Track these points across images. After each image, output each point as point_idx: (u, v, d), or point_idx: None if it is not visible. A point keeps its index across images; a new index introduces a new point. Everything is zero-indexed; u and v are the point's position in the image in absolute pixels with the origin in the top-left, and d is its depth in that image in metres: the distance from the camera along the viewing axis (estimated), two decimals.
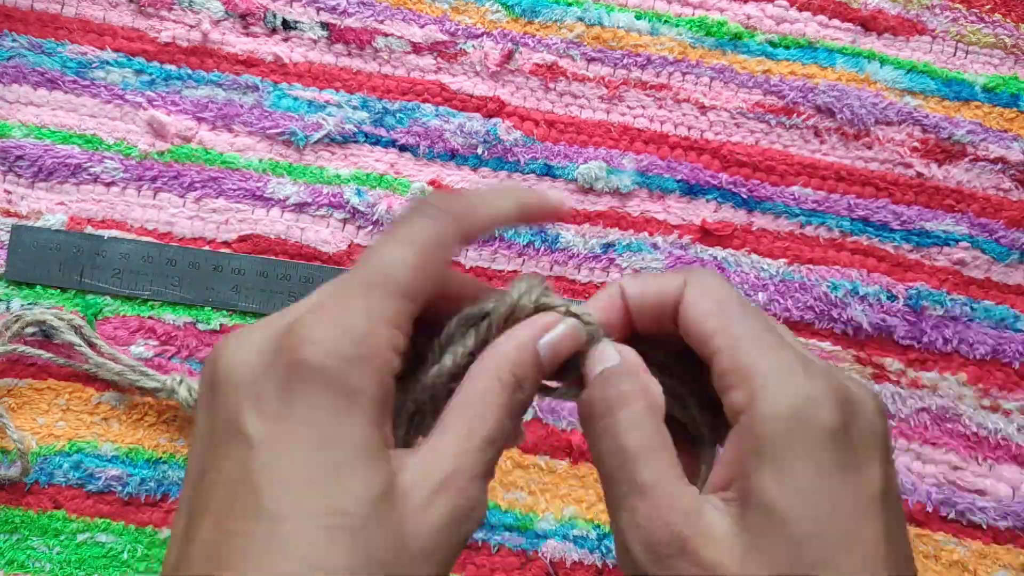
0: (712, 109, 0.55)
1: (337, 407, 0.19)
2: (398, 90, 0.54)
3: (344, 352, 0.19)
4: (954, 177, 0.55)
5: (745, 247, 0.54)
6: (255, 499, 0.18)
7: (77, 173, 0.52)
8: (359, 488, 0.19)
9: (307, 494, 0.18)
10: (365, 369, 0.19)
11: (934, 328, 0.54)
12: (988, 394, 0.54)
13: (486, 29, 0.55)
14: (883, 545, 0.23)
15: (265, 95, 0.53)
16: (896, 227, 0.55)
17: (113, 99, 0.53)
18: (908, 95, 0.56)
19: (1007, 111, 0.56)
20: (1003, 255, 0.55)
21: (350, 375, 0.19)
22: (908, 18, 0.56)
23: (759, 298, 0.54)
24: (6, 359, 0.51)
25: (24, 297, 0.51)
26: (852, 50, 0.56)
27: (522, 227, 0.52)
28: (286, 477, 0.19)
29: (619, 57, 0.55)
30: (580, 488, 0.52)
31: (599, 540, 0.52)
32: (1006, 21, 0.57)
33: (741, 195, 0.54)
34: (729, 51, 0.55)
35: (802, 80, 0.55)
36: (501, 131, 0.54)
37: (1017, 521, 0.53)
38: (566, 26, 0.55)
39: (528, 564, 0.52)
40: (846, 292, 0.54)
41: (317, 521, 0.18)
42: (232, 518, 0.18)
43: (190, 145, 0.53)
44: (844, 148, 0.55)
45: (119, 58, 0.53)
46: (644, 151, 0.55)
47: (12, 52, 0.52)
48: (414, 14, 0.54)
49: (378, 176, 0.53)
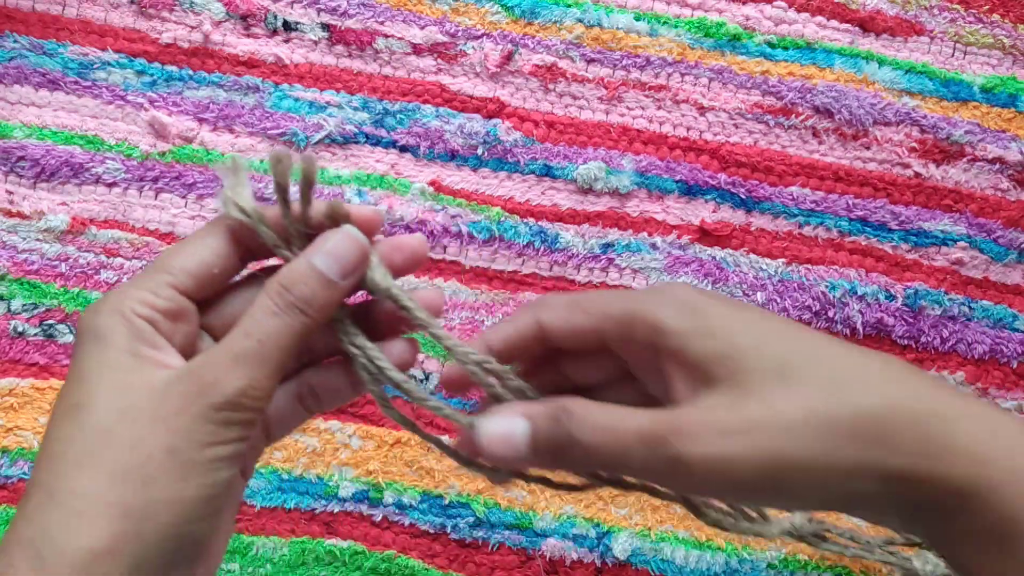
0: (711, 110, 0.55)
1: (95, 341, 0.29)
2: (398, 91, 0.54)
3: (98, 311, 0.30)
4: (952, 177, 0.56)
5: (744, 247, 0.55)
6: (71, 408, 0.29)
7: (79, 174, 0.52)
8: (103, 386, 0.29)
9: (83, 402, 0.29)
10: (109, 317, 0.29)
11: (932, 327, 0.54)
12: (986, 393, 0.54)
13: (486, 30, 0.55)
14: (821, 336, 0.29)
15: (266, 96, 0.53)
16: (894, 227, 0.55)
17: (114, 100, 0.53)
18: (906, 95, 0.56)
19: (1005, 111, 0.56)
20: (1001, 255, 0.55)
21: (99, 324, 0.29)
22: (906, 19, 0.57)
23: (757, 298, 0.54)
24: (7, 359, 0.51)
25: (25, 297, 0.51)
26: (850, 51, 0.56)
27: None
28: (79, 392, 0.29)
29: (618, 58, 0.55)
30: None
31: (598, 539, 0.52)
32: (1004, 22, 0.57)
33: (740, 195, 0.55)
34: (728, 52, 0.56)
35: (800, 81, 0.55)
36: (501, 132, 0.54)
37: None
38: (566, 27, 0.55)
39: (527, 562, 0.52)
40: (844, 292, 0.54)
41: (61, 405, 0.29)
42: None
43: (191, 146, 0.53)
44: (842, 148, 0.55)
45: (120, 59, 0.53)
46: (643, 152, 0.55)
47: (14, 53, 0.53)
48: (414, 15, 0.55)
49: (379, 177, 0.54)
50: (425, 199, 0.54)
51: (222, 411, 0.28)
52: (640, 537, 0.52)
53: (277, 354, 0.29)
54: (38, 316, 0.51)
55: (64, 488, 0.27)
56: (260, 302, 0.30)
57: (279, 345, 0.29)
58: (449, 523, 0.52)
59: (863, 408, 0.27)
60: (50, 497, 0.27)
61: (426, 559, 0.51)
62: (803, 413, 0.27)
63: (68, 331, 0.51)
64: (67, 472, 0.27)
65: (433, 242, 0.54)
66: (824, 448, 0.27)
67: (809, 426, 0.27)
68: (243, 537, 0.51)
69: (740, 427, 0.27)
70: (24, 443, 0.51)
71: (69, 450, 0.28)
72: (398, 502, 0.52)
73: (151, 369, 0.29)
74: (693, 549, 0.52)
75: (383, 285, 0.32)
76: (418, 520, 0.52)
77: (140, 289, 0.30)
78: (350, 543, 0.51)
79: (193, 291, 0.31)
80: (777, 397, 0.27)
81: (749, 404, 0.27)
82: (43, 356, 0.51)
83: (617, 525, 0.52)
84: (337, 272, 0.31)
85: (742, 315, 0.29)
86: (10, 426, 0.50)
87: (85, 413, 0.28)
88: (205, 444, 0.28)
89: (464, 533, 0.52)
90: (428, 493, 0.52)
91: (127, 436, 0.28)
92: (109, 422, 0.28)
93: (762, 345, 0.28)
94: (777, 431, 0.27)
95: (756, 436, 0.27)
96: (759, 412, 0.27)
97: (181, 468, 0.28)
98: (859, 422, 0.27)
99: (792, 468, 0.27)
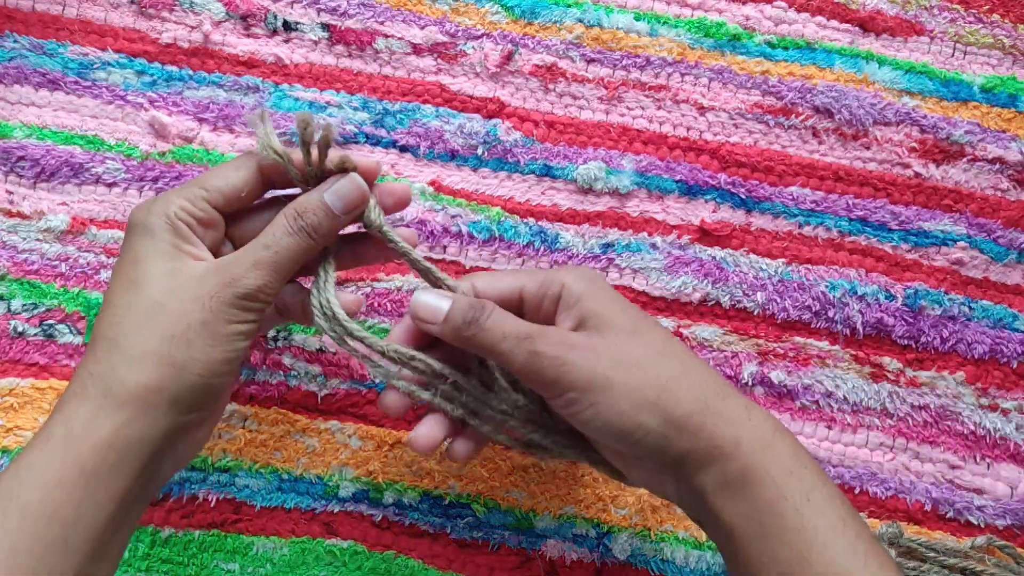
0: (711, 110, 0.55)
1: (145, 234, 0.38)
2: (398, 91, 0.54)
3: (148, 210, 0.39)
4: (952, 177, 0.56)
5: (744, 247, 0.55)
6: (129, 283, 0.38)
7: (79, 174, 0.52)
8: (155, 269, 0.38)
9: (134, 277, 0.38)
10: (158, 217, 0.38)
11: (932, 327, 0.54)
12: (986, 393, 0.54)
13: (486, 30, 0.55)
14: (660, 330, 0.41)
15: (266, 96, 0.53)
16: (894, 227, 0.55)
17: (114, 100, 0.53)
18: (906, 95, 0.56)
19: (1005, 111, 0.56)
20: (1001, 255, 0.55)
21: (149, 221, 0.38)
22: (906, 19, 0.57)
23: (757, 298, 0.54)
24: (7, 359, 0.51)
25: (25, 297, 0.51)
26: (850, 51, 0.56)
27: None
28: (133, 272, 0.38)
29: (618, 58, 0.55)
30: (579, 487, 0.52)
31: (598, 539, 0.52)
32: (1004, 22, 0.57)
33: (740, 195, 0.55)
34: (728, 52, 0.56)
35: (800, 81, 0.55)
36: (501, 132, 0.54)
37: (1015, 519, 0.53)
38: (566, 27, 0.55)
39: (527, 562, 0.52)
40: (844, 292, 0.54)
41: (120, 278, 0.38)
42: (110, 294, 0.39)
43: (191, 146, 0.53)
44: (842, 148, 0.55)
45: (120, 59, 0.53)
46: (643, 152, 0.55)
47: (14, 53, 0.53)
48: (414, 15, 0.55)
49: (379, 177, 0.54)
50: (425, 199, 0.54)
51: (243, 300, 0.38)
52: (640, 537, 0.52)
53: (287, 264, 0.39)
54: (38, 316, 0.51)
55: (126, 342, 0.37)
56: (278, 221, 0.39)
57: (289, 258, 0.39)
58: (449, 523, 0.52)
59: (668, 368, 0.38)
60: (115, 346, 0.37)
61: (426, 559, 0.51)
62: (629, 357, 0.38)
63: (68, 331, 0.51)
64: (128, 329, 0.37)
65: (433, 242, 0.54)
66: (634, 382, 0.37)
67: (629, 366, 0.38)
68: (243, 537, 0.51)
69: (584, 346, 0.38)
70: (24, 443, 0.51)
71: (128, 314, 0.37)
72: (398, 502, 0.52)
73: (190, 260, 0.38)
74: (693, 549, 0.52)
75: (376, 222, 0.41)
76: (418, 520, 0.52)
77: (181, 198, 0.39)
78: (350, 543, 0.51)
79: (223, 206, 0.40)
80: (619, 342, 0.39)
81: (599, 339, 0.39)
82: (43, 356, 0.51)
83: (617, 525, 0.52)
84: (341, 208, 0.40)
85: (621, 300, 0.41)
86: (10, 426, 0.50)
87: (141, 287, 0.37)
88: (230, 321, 0.38)
89: (464, 533, 0.52)
90: (428, 493, 0.52)
91: (174, 309, 0.37)
92: (161, 296, 0.37)
93: (624, 318, 0.40)
94: (608, 360, 0.38)
95: (590, 355, 0.38)
96: (602, 344, 0.38)
97: (212, 336, 0.37)
98: (664, 377, 0.38)
99: (607, 387, 0.37)
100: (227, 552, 0.51)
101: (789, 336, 0.54)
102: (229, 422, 0.51)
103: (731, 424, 0.37)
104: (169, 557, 0.50)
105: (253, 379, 0.52)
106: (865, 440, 0.54)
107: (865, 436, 0.54)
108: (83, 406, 0.36)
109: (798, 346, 0.54)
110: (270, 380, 0.52)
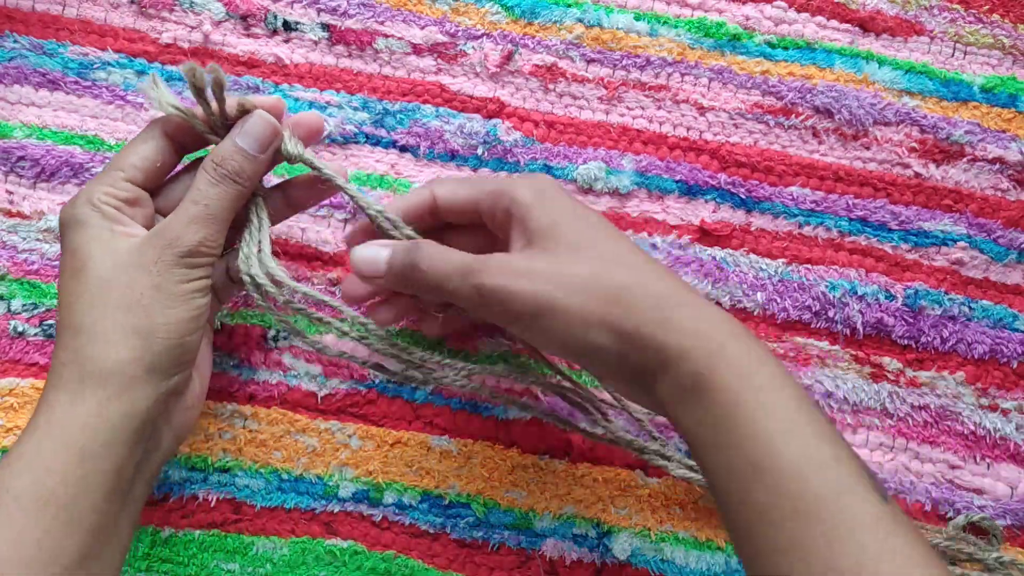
0: (711, 110, 0.55)
1: (78, 226, 0.39)
2: (398, 91, 0.54)
3: (74, 204, 0.39)
4: (952, 177, 0.56)
5: (744, 247, 0.55)
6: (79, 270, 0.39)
7: (79, 174, 0.52)
8: (95, 252, 0.38)
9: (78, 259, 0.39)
10: (84, 208, 0.39)
11: (932, 328, 0.54)
12: (986, 393, 0.54)
13: (486, 30, 0.55)
14: (622, 237, 0.40)
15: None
16: (894, 227, 0.55)
17: (114, 100, 0.53)
18: (906, 95, 0.56)
19: (1005, 111, 0.56)
20: (1001, 255, 0.55)
21: (77, 213, 0.39)
22: (906, 19, 0.57)
23: (757, 298, 0.54)
24: (7, 359, 0.51)
25: (25, 297, 0.51)
26: (850, 51, 0.56)
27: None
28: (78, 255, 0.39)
29: (618, 58, 0.55)
30: (579, 487, 0.52)
31: (598, 539, 0.52)
32: (1004, 22, 0.57)
33: (740, 195, 0.55)
34: (728, 52, 0.56)
35: (800, 81, 0.55)
36: (501, 132, 0.54)
37: (1015, 520, 0.53)
38: (565, 27, 0.55)
39: (527, 562, 0.52)
40: (844, 292, 0.54)
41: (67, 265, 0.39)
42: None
43: None
44: (842, 148, 0.55)
45: (120, 59, 0.53)
46: (643, 152, 0.55)
47: (13, 53, 0.53)
48: (414, 15, 0.55)
49: (379, 177, 0.54)
50: None
51: (187, 257, 0.38)
52: (640, 537, 0.52)
53: (220, 214, 0.39)
54: (38, 316, 0.51)
55: (86, 324, 0.37)
56: (200, 176, 0.40)
57: (221, 207, 0.39)
58: (449, 523, 0.52)
59: (616, 280, 0.37)
60: (78, 331, 0.37)
61: (426, 559, 0.51)
62: (573, 276, 0.37)
63: None
64: (85, 312, 0.37)
65: None
66: (580, 301, 0.36)
67: (574, 285, 0.37)
68: (243, 537, 0.51)
69: (527, 272, 0.37)
70: None
71: (81, 299, 0.37)
72: (398, 502, 0.52)
73: (126, 238, 0.39)
74: (693, 549, 0.52)
75: (295, 152, 0.41)
76: (418, 520, 0.52)
77: (102, 184, 0.39)
78: (350, 543, 0.51)
79: (143, 182, 0.40)
80: (564, 261, 0.37)
81: (542, 260, 0.38)
82: (43, 356, 0.51)
83: (617, 525, 0.52)
84: (255, 147, 0.40)
85: (574, 209, 0.40)
86: (10, 426, 0.50)
87: (86, 272, 0.38)
88: (180, 281, 0.38)
89: (464, 533, 0.52)
90: (428, 493, 0.52)
91: (123, 281, 0.38)
92: (106, 274, 0.38)
93: (572, 230, 0.38)
94: (552, 283, 0.37)
95: (536, 280, 0.37)
96: (545, 266, 0.37)
97: (167, 299, 0.38)
98: (611, 291, 0.36)
99: (553, 310, 0.36)
100: (227, 552, 0.51)
101: (789, 336, 0.54)
102: (229, 422, 0.52)
103: (682, 332, 0.35)
104: (169, 557, 0.50)
105: (253, 379, 0.52)
106: (865, 440, 0.54)
107: (865, 436, 0.54)
108: (62, 393, 0.37)
109: (798, 346, 0.54)
110: (270, 380, 0.52)
